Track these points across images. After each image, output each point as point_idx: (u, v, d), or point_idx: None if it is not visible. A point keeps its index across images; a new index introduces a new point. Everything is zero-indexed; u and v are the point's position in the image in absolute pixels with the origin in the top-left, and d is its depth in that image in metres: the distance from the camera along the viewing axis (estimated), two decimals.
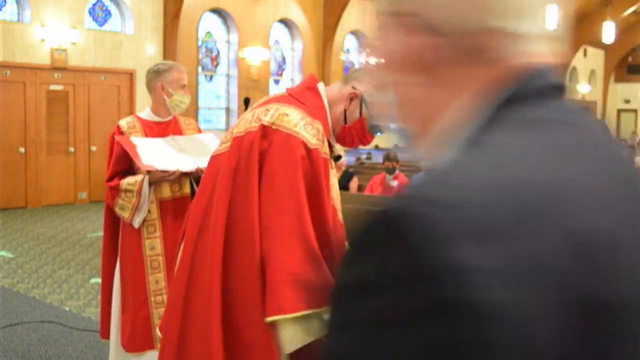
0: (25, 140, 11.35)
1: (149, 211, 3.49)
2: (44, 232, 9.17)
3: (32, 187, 11.44)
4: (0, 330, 4.95)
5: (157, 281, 3.51)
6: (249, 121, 2.14)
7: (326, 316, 0.68)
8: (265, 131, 2.07)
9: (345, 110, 2.22)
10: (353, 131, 2.24)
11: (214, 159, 2.21)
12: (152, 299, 3.50)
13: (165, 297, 3.51)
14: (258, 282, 2.03)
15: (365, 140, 2.28)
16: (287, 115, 2.10)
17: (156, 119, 3.64)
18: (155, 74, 3.60)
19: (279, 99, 2.21)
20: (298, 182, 2.03)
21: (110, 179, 3.53)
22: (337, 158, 2.31)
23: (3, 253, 7.73)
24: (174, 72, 3.59)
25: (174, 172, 3.42)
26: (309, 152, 2.05)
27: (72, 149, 11.85)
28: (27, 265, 7.22)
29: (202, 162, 3.54)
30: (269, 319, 2.01)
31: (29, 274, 6.82)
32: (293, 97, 2.21)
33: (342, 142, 2.28)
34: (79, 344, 4.69)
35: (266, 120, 2.09)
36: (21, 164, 11.33)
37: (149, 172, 3.42)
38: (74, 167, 11.88)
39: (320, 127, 2.13)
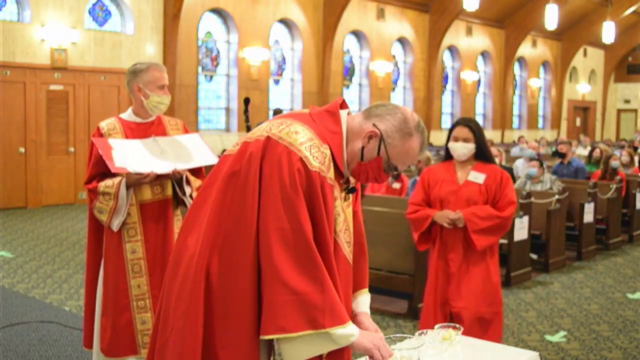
0: (25, 140, 11.35)
1: (129, 214, 3.42)
2: (44, 232, 9.17)
3: (32, 187, 11.44)
4: (0, 330, 4.95)
5: (139, 285, 3.44)
6: (262, 130, 2.12)
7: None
8: (269, 142, 2.05)
9: (363, 148, 2.15)
10: (369, 169, 2.17)
11: (223, 158, 2.18)
12: (135, 303, 3.43)
13: (148, 302, 3.45)
14: (249, 302, 2.02)
15: (381, 179, 2.21)
16: (296, 133, 2.06)
17: (137, 120, 3.56)
18: (132, 75, 3.49)
19: (297, 116, 2.17)
20: (297, 196, 2.00)
21: (88, 182, 3.48)
22: (351, 190, 2.23)
23: (3, 253, 7.73)
24: (152, 72, 3.48)
25: (148, 174, 3.36)
26: (307, 171, 2.02)
27: (72, 149, 11.85)
28: (27, 265, 7.22)
29: (180, 164, 3.46)
30: (268, 337, 1.98)
31: (29, 274, 6.82)
32: (311, 117, 2.17)
33: (356, 177, 2.22)
34: (79, 344, 4.68)
35: (274, 132, 2.07)
36: (21, 164, 11.33)
37: (126, 174, 3.37)
38: (74, 167, 11.88)
39: (328, 152, 2.09)
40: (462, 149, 3.93)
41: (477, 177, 3.95)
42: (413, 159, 2.20)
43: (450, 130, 3.99)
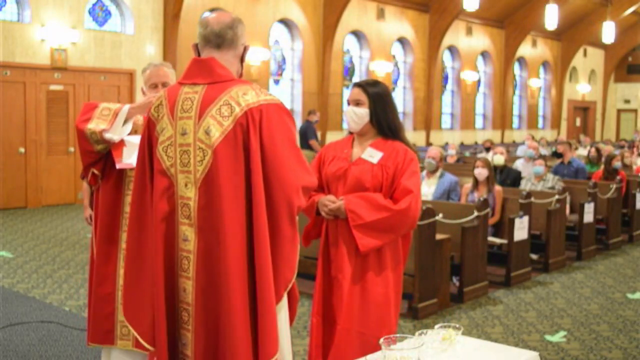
0: (25, 140, 11.35)
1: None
2: (44, 232, 9.17)
3: (32, 187, 11.44)
4: (0, 330, 4.95)
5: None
6: (215, 126, 2.46)
7: None
8: (247, 117, 2.45)
9: (242, 65, 2.68)
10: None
11: (209, 181, 2.48)
12: (119, 293, 3.30)
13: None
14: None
15: None
16: (245, 94, 2.48)
17: None
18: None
19: (214, 93, 2.51)
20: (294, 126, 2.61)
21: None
22: None
23: (3, 253, 7.73)
24: (147, 71, 3.55)
25: None
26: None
27: (72, 149, 11.84)
28: (27, 265, 7.22)
29: None
30: None
31: (29, 274, 6.82)
32: (224, 80, 2.53)
33: None
34: (79, 344, 4.68)
35: (238, 112, 2.45)
36: (21, 164, 11.33)
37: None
38: (74, 167, 11.88)
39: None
40: (351, 114, 3.18)
41: (373, 155, 3.14)
42: None
43: None
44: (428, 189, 6.99)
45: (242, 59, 2.66)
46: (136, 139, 3.45)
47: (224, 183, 2.43)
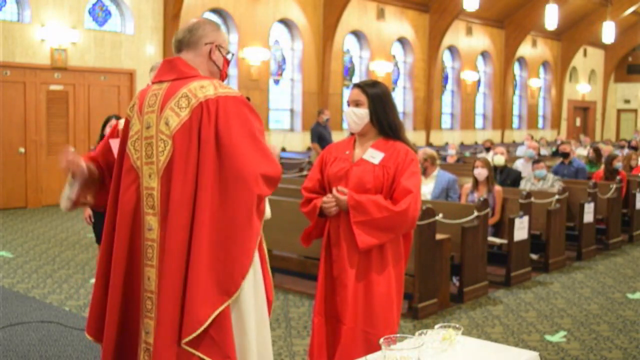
0: (25, 140, 11.35)
1: None
2: (44, 232, 9.17)
3: (32, 187, 11.44)
4: (0, 330, 4.95)
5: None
6: (173, 117, 2.56)
7: None
8: (202, 107, 2.52)
9: (214, 63, 2.73)
10: (224, 72, 2.80)
11: (170, 170, 2.53)
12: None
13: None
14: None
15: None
16: (203, 87, 2.56)
17: None
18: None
19: (175, 88, 2.60)
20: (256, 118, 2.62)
21: None
22: None
23: (3, 253, 7.73)
24: (153, 72, 3.52)
25: None
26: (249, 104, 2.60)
27: (72, 149, 11.82)
28: (27, 265, 7.22)
29: None
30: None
31: (29, 274, 6.82)
32: (187, 77, 2.61)
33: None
34: (79, 344, 4.69)
35: (194, 103, 2.53)
36: (21, 164, 11.33)
37: None
38: None
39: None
40: (351, 114, 3.18)
41: (374, 155, 3.15)
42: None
43: None
44: (426, 188, 6.98)
45: (212, 59, 2.73)
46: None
47: (177, 171, 2.51)
